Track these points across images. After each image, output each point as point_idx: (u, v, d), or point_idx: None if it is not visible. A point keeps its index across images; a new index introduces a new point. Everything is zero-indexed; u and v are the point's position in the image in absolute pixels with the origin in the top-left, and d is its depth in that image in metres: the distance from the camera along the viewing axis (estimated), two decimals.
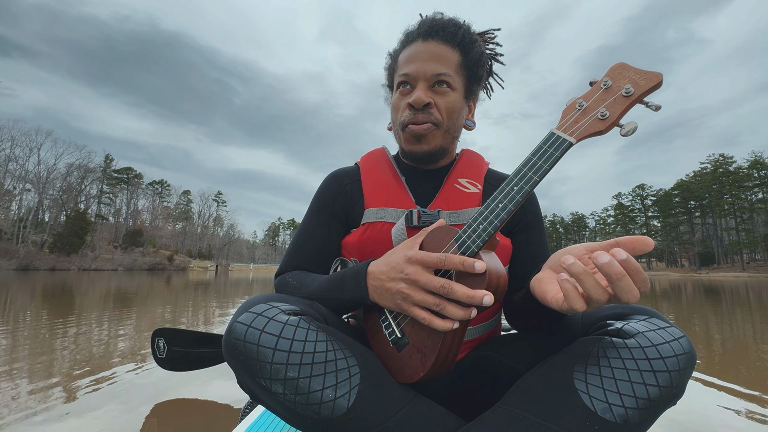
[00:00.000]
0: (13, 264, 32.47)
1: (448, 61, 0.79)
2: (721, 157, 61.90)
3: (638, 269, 0.44)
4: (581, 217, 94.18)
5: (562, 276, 0.49)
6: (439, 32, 0.79)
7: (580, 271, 0.46)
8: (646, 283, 0.45)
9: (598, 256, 0.44)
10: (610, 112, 0.54)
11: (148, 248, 53.68)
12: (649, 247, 0.46)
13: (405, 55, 0.81)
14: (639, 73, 0.54)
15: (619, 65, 0.57)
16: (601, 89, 0.57)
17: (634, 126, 0.52)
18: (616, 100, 0.55)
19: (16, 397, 1.70)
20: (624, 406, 0.48)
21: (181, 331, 1.64)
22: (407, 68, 0.79)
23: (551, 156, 0.55)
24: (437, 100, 0.78)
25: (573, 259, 0.47)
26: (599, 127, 0.54)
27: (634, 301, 0.45)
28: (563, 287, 0.48)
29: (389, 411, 0.54)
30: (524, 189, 0.55)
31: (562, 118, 0.58)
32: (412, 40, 0.82)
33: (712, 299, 8.30)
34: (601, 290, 0.46)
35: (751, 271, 49.36)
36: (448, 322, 0.55)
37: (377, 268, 0.64)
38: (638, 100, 0.54)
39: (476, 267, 0.53)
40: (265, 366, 0.51)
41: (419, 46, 0.80)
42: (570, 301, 0.48)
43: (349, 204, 0.86)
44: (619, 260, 0.44)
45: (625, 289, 0.44)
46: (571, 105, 0.58)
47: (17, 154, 46.40)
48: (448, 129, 0.81)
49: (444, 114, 0.79)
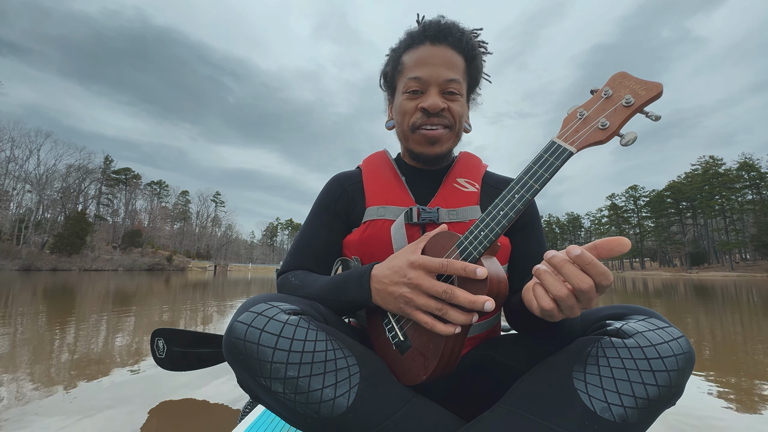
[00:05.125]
0: (16, 264, 32.68)
1: (457, 67, 0.81)
2: (711, 159, 62.85)
3: (593, 262, 0.47)
4: (577, 218, 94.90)
5: (534, 281, 0.54)
6: (448, 37, 0.80)
7: (541, 272, 0.52)
8: (605, 276, 0.47)
9: (548, 255, 0.51)
10: (610, 122, 0.54)
11: (146, 249, 53.93)
12: (625, 247, 0.47)
13: (413, 58, 0.81)
14: (639, 83, 0.55)
15: (620, 74, 0.57)
16: (602, 98, 0.57)
17: (635, 136, 0.53)
18: (617, 110, 0.55)
19: (17, 396, 1.70)
20: (623, 406, 0.48)
21: (180, 332, 1.65)
22: (418, 72, 0.80)
23: (552, 165, 0.55)
24: (450, 106, 0.80)
25: (542, 264, 0.53)
26: (600, 137, 0.55)
27: (587, 287, 0.47)
28: (534, 290, 0.53)
29: (389, 410, 0.54)
30: (525, 197, 0.56)
31: (563, 127, 0.59)
32: (418, 42, 0.82)
33: (700, 297, 8.50)
34: (559, 285, 0.50)
35: (740, 270, 49.98)
36: (450, 327, 0.56)
37: (380, 271, 0.65)
38: (638, 110, 0.54)
39: (478, 273, 0.54)
40: (265, 365, 0.51)
41: (429, 50, 0.80)
42: (539, 300, 0.52)
43: (351, 204, 0.88)
44: (572, 256, 0.48)
45: (571, 275, 0.48)
46: (572, 114, 0.59)
47: (17, 155, 46.81)
48: (457, 133, 0.84)
49: (456, 118, 0.81)
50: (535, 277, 0.54)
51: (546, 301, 0.52)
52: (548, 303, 0.51)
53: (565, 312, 0.52)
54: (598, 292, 0.50)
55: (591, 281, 0.48)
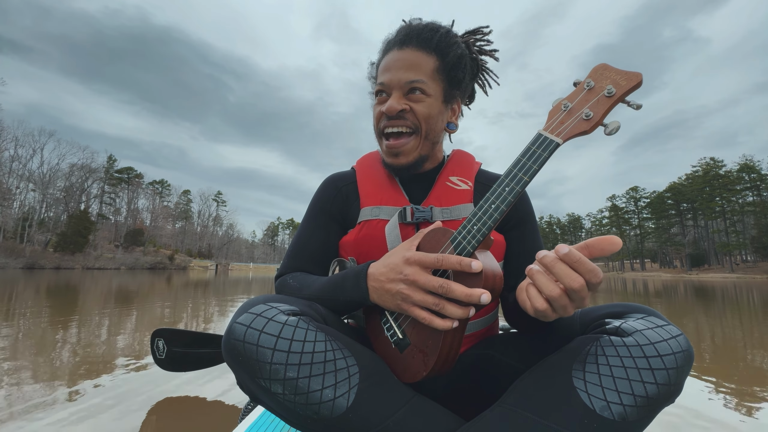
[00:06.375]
0: (20, 263, 32.93)
1: (421, 67, 0.80)
2: (711, 161, 62.97)
3: (581, 260, 0.48)
4: (577, 219, 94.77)
5: (527, 281, 0.55)
6: (414, 39, 0.80)
7: (533, 272, 0.53)
8: (594, 273, 0.48)
9: (540, 255, 0.52)
10: (594, 113, 0.56)
11: (148, 248, 54.19)
12: (616, 246, 0.48)
13: (383, 64, 0.83)
14: (620, 74, 0.56)
15: (601, 66, 0.59)
16: (585, 90, 0.59)
17: (617, 125, 0.55)
18: (599, 101, 0.57)
19: (17, 395, 1.71)
20: (622, 404, 0.48)
21: (180, 332, 1.64)
22: (383, 77, 0.81)
23: (540, 156, 0.57)
24: (413, 107, 0.79)
25: (534, 265, 0.54)
26: (584, 128, 0.56)
27: (578, 286, 0.48)
28: (527, 290, 0.54)
29: (389, 410, 0.54)
30: (515, 189, 0.57)
31: (549, 119, 0.60)
32: (389, 48, 0.83)
33: (700, 298, 8.47)
34: (551, 285, 0.51)
35: (740, 272, 49.93)
36: (447, 321, 0.57)
37: (377, 269, 0.65)
38: (620, 100, 0.56)
39: (473, 266, 0.55)
40: (264, 366, 0.51)
41: (394, 54, 0.81)
42: (532, 301, 0.53)
43: (346, 205, 0.88)
44: (560, 254, 0.49)
45: (562, 274, 0.49)
46: (557, 106, 0.60)
47: (20, 154, 47.12)
48: (426, 134, 0.82)
49: (421, 119, 0.80)
50: (528, 278, 0.55)
51: (539, 301, 0.52)
52: (541, 303, 0.52)
53: (559, 312, 0.52)
54: (589, 290, 0.50)
55: (582, 280, 0.48)
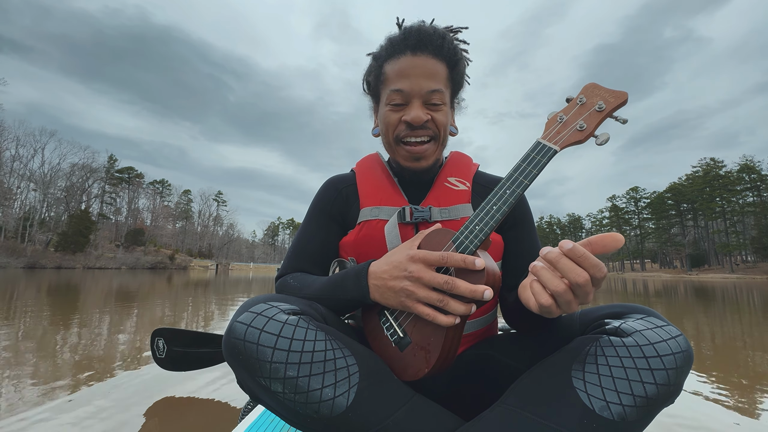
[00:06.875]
0: (21, 262, 33.00)
1: (439, 76, 0.80)
2: (712, 162, 63.01)
3: (585, 255, 0.49)
4: (578, 219, 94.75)
5: (530, 278, 0.57)
6: (428, 45, 0.79)
7: (537, 268, 0.53)
8: (597, 268, 0.49)
9: (544, 251, 0.53)
10: (587, 125, 0.63)
11: (149, 247, 54.30)
12: (619, 243, 0.49)
13: (395, 69, 0.81)
14: (608, 92, 0.64)
15: (591, 85, 0.67)
16: (578, 105, 0.65)
17: (608, 137, 0.61)
18: (591, 115, 0.63)
19: (18, 395, 1.71)
20: (622, 404, 0.48)
21: (180, 331, 1.64)
22: (400, 84, 0.79)
23: (539, 162, 0.62)
24: (433, 116, 0.80)
25: (538, 261, 0.54)
26: (579, 137, 0.62)
27: (583, 281, 0.49)
28: (531, 287, 0.55)
29: (388, 409, 0.55)
30: (516, 192, 0.61)
31: (546, 129, 0.66)
32: (399, 52, 0.81)
33: (700, 299, 8.46)
34: (556, 280, 0.51)
35: (740, 272, 49.77)
36: (450, 318, 0.58)
37: (378, 267, 0.66)
38: (608, 115, 0.63)
39: (477, 264, 0.57)
40: (264, 365, 0.51)
41: (410, 60, 0.79)
42: (537, 297, 0.53)
43: (346, 207, 0.89)
44: (565, 249, 0.50)
45: (567, 269, 0.50)
46: (553, 118, 0.66)
47: (21, 154, 47.26)
48: (443, 141, 0.85)
49: (440, 128, 0.81)
50: (532, 274, 0.55)
51: (544, 297, 0.52)
52: (546, 299, 0.52)
53: (563, 307, 0.52)
54: (593, 286, 0.50)
55: (587, 275, 0.49)
